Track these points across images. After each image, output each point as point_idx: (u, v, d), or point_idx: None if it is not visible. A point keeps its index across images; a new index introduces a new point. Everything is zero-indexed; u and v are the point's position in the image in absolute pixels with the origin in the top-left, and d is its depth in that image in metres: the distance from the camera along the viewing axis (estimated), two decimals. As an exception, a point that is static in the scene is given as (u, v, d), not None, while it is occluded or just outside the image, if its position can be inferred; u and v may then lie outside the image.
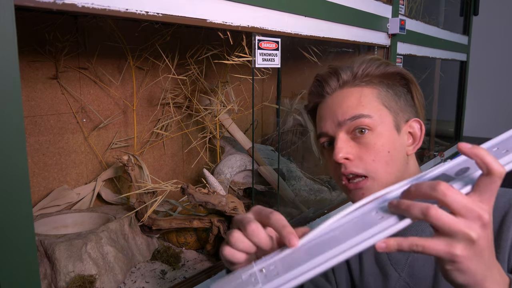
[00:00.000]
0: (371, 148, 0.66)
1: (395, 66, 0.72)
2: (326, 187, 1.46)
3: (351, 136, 0.68)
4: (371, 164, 0.66)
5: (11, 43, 0.46)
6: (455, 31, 2.21)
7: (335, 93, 0.71)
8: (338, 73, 0.71)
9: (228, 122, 1.36)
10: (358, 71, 0.70)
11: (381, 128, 0.67)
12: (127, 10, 0.62)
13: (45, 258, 0.81)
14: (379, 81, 0.70)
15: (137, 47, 1.20)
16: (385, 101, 0.68)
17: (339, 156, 0.66)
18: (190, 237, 1.05)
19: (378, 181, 0.66)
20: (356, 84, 0.70)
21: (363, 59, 0.72)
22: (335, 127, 0.68)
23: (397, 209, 0.44)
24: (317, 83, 0.74)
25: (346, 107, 0.68)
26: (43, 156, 1.08)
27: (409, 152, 0.70)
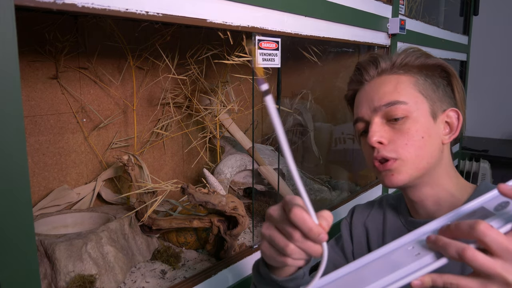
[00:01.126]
0: (405, 133, 0.67)
1: (436, 59, 0.73)
2: (326, 187, 1.46)
3: (386, 122, 0.69)
4: (404, 148, 0.67)
5: (11, 43, 0.46)
6: (455, 31, 2.21)
7: (373, 80, 0.72)
8: (377, 61, 0.73)
9: (228, 122, 1.36)
10: (396, 60, 0.71)
11: (417, 114, 0.68)
12: (127, 10, 0.62)
13: (45, 258, 0.81)
14: (417, 71, 0.71)
15: (137, 47, 1.20)
16: (422, 89, 0.69)
17: (373, 139, 0.67)
18: (190, 237, 1.05)
19: (407, 163, 0.67)
20: (394, 72, 0.71)
21: (404, 48, 0.74)
22: (371, 112, 0.70)
23: (435, 246, 0.44)
24: (357, 71, 0.76)
25: (383, 93, 0.69)
26: (43, 156, 1.08)
27: (445, 141, 0.70)
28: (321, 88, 1.68)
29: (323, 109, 1.69)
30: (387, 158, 0.67)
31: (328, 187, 1.47)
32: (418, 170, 0.68)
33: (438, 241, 0.43)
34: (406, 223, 0.77)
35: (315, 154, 1.65)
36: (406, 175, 0.67)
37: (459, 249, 0.41)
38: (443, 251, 0.43)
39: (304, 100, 1.69)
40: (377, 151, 0.68)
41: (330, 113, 1.69)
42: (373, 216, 0.84)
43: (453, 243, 0.42)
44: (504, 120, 3.12)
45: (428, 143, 0.68)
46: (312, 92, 1.68)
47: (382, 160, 0.68)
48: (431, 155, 0.68)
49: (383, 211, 0.83)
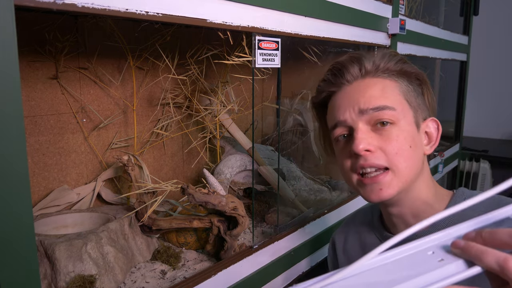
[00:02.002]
0: (393, 141, 0.63)
1: (411, 66, 0.69)
2: (326, 187, 1.45)
3: (372, 128, 0.64)
4: (394, 157, 0.62)
5: (11, 43, 0.46)
6: (455, 31, 2.21)
7: (356, 82, 0.67)
8: (361, 61, 0.68)
9: (228, 122, 1.36)
10: (380, 64, 0.67)
11: (403, 122, 0.64)
12: (127, 10, 0.62)
13: (45, 258, 0.81)
14: (399, 76, 0.68)
15: (137, 47, 1.20)
16: (407, 96, 0.66)
17: (360, 147, 0.62)
18: (190, 237, 1.05)
19: (398, 175, 0.63)
20: (377, 75, 0.67)
21: (384, 52, 0.70)
22: (356, 116, 0.64)
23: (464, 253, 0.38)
24: (335, 70, 0.70)
25: (369, 97, 0.64)
26: (43, 156, 1.08)
27: (426, 152, 0.67)
28: (321, 88, 1.68)
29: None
30: (377, 166, 0.63)
31: (328, 187, 1.46)
32: (406, 182, 0.64)
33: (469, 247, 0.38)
34: (383, 238, 0.73)
35: (315, 154, 1.65)
36: (395, 189, 0.63)
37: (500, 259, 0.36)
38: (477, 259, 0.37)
39: (304, 100, 1.69)
40: (365, 159, 0.63)
41: (330, 113, 1.68)
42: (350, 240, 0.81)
43: (491, 251, 0.37)
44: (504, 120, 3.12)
45: (415, 154, 0.64)
46: (312, 92, 1.67)
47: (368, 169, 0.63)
48: (417, 167, 0.65)
49: (357, 230, 0.80)
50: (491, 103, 3.16)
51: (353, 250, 0.80)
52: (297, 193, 1.36)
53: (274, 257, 1.05)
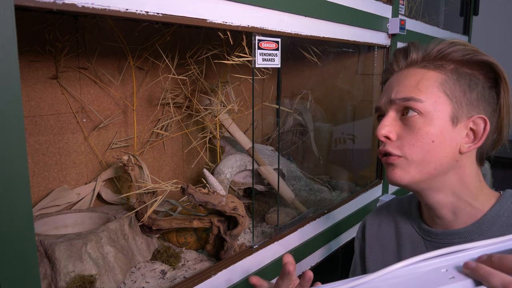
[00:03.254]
0: (414, 132, 0.64)
1: (486, 56, 0.66)
2: (326, 187, 1.46)
3: (400, 116, 0.66)
4: (410, 148, 0.64)
5: (11, 43, 0.46)
6: (455, 31, 2.21)
7: (401, 71, 0.70)
8: (409, 51, 0.70)
9: (228, 122, 1.36)
10: (431, 52, 0.67)
11: (432, 115, 0.63)
12: (127, 10, 0.62)
13: (45, 258, 0.81)
14: (452, 68, 0.65)
15: (137, 47, 1.20)
16: (449, 89, 0.64)
17: (380, 132, 0.66)
18: (190, 237, 1.05)
19: (411, 163, 0.64)
20: (423, 65, 0.67)
21: (444, 40, 0.68)
22: (387, 103, 0.68)
23: (474, 273, 0.42)
24: (392, 59, 0.74)
25: (403, 87, 0.66)
26: (43, 156, 1.08)
27: (463, 150, 0.64)
28: (321, 88, 1.68)
29: (323, 109, 1.69)
30: (391, 153, 0.65)
31: (328, 187, 1.47)
32: (423, 174, 0.64)
33: (479, 268, 0.41)
34: (421, 231, 0.73)
35: (315, 154, 1.65)
36: (408, 175, 0.65)
37: (505, 281, 0.39)
38: (485, 280, 0.41)
39: (304, 100, 1.69)
40: (383, 144, 0.67)
41: (330, 113, 1.69)
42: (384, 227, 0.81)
43: (497, 273, 0.40)
44: (504, 120, 3.11)
45: (439, 149, 0.63)
46: (312, 92, 1.67)
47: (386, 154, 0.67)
48: (441, 162, 0.64)
49: (393, 218, 0.80)
50: (491, 103, 3.15)
51: (388, 238, 0.80)
52: (297, 193, 1.36)
53: (274, 257, 1.05)
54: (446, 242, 0.69)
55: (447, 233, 0.69)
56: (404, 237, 0.76)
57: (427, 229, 0.72)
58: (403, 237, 0.77)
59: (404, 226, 0.77)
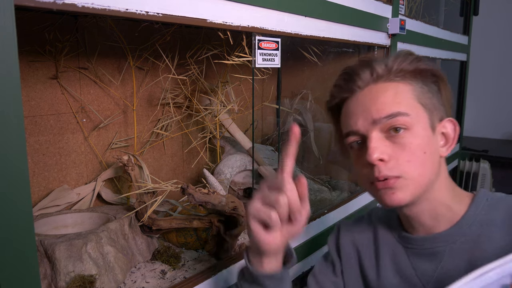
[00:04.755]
0: (407, 148, 0.62)
1: (426, 62, 0.68)
2: (326, 187, 1.46)
3: (385, 135, 0.63)
4: (406, 165, 0.62)
5: (11, 43, 0.46)
6: (455, 31, 2.21)
7: (367, 88, 0.66)
8: (372, 66, 0.66)
9: (228, 122, 1.36)
10: (393, 66, 0.65)
11: (418, 127, 0.63)
12: (127, 10, 0.62)
13: (45, 258, 0.81)
14: (413, 77, 0.66)
15: (137, 47, 1.20)
16: (421, 98, 0.64)
17: (373, 156, 0.62)
18: (190, 237, 1.05)
19: (411, 181, 0.62)
20: (390, 79, 0.65)
21: (397, 53, 0.68)
22: (369, 125, 0.64)
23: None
24: (347, 76, 0.68)
25: (381, 104, 0.63)
26: (43, 156, 1.08)
27: (443, 154, 0.66)
28: (321, 88, 1.68)
29: (323, 109, 1.69)
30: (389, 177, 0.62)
31: (328, 187, 1.46)
32: (421, 188, 0.63)
33: None
34: (400, 238, 0.73)
35: (315, 154, 1.65)
36: (408, 194, 0.63)
37: None
38: None
39: (304, 100, 1.69)
40: (379, 170, 0.62)
41: (330, 113, 1.68)
42: (363, 233, 0.80)
43: None
44: (504, 120, 3.12)
45: (430, 159, 0.63)
46: (312, 92, 1.68)
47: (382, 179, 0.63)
48: (432, 171, 0.64)
49: (373, 227, 0.79)
50: (491, 103, 3.16)
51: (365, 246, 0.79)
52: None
53: (274, 257, 1.05)
54: (427, 247, 0.68)
55: (428, 238, 0.68)
56: (382, 246, 0.75)
57: (407, 236, 0.71)
58: (381, 245, 0.76)
59: (384, 235, 0.76)
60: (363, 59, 0.68)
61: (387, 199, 0.63)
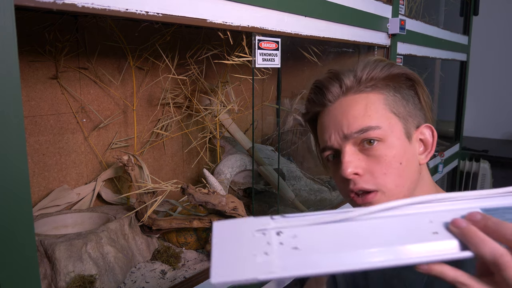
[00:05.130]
0: (382, 161, 0.61)
1: (400, 67, 0.66)
2: (326, 187, 1.46)
3: (359, 148, 0.62)
4: (382, 178, 0.61)
5: (11, 43, 0.46)
6: (455, 31, 2.21)
7: (338, 101, 0.65)
8: (340, 78, 0.64)
9: (228, 122, 1.36)
10: (362, 76, 0.64)
11: (392, 138, 0.62)
12: (127, 10, 0.62)
13: (45, 258, 0.81)
14: (384, 85, 0.64)
15: (137, 47, 1.20)
16: (393, 107, 0.63)
17: (347, 171, 0.61)
18: (190, 237, 1.05)
19: (388, 194, 0.62)
20: (360, 90, 0.64)
21: (366, 61, 0.66)
22: (341, 139, 0.63)
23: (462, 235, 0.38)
24: (317, 90, 0.67)
25: (352, 118, 0.62)
26: (43, 156, 1.08)
27: (422, 161, 0.65)
28: (321, 88, 1.68)
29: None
30: (366, 190, 0.62)
31: (328, 187, 1.46)
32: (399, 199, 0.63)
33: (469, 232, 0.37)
34: None
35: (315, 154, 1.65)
36: None
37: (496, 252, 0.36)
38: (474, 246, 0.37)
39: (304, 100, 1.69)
40: (354, 183, 0.62)
41: (330, 113, 1.68)
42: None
43: (489, 242, 0.36)
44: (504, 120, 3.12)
45: (407, 168, 0.62)
46: (312, 92, 1.67)
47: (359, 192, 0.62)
48: (411, 180, 0.63)
49: None
50: (491, 103, 3.16)
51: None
52: (297, 193, 1.36)
53: (274, 257, 1.05)
54: None
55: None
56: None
57: None
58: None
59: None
60: (332, 71, 0.67)
61: None
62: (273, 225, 0.40)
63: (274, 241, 0.38)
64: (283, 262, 0.36)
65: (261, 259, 0.36)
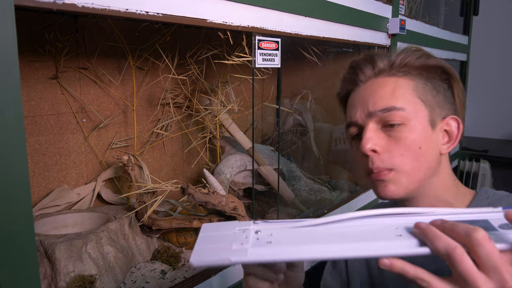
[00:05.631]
0: (401, 142, 0.62)
1: (437, 59, 0.67)
2: (326, 187, 1.46)
3: (382, 128, 0.64)
4: (399, 158, 0.62)
5: (11, 43, 0.46)
6: (455, 31, 2.22)
7: (369, 82, 0.67)
8: (374, 60, 0.67)
9: (228, 122, 1.36)
10: (395, 60, 0.66)
11: (415, 122, 0.63)
12: (127, 10, 0.62)
13: (45, 258, 0.81)
14: (417, 73, 0.66)
15: (137, 47, 1.20)
16: (422, 94, 0.64)
17: (366, 147, 0.62)
18: (190, 237, 1.05)
19: (403, 175, 0.63)
20: (392, 73, 0.66)
21: (404, 49, 0.68)
22: (365, 117, 0.65)
23: (422, 234, 0.41)
24: (351, 70, 0.70)
25: (379, 98, 0.64)
26: (43, 156, 1.08)
27: (443, 151, 0.66)
28: (321, 88, 1.68)
29: (323, 109, 1.69)
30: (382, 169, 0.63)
31: (328, 187, 1.47)
32: (414, 182, 0.64)
33: (428, 230, 0.41)
34: None
35: (315, 154, 1.65)
36: (401, 188, 0.63)
37: (449, 246, 0.39)
38: (430, 242, 0.40)
39: (304, 100, 1.69)
40: (372, 161, 0.63)
41: (330, 113, 1.69)
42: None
43: (444, 237, 0.40)
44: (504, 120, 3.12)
45: (426, 154, 0.63)
46: (312, 92, 1.68)
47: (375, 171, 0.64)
48: (428, 167, 0.64)
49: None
50: (491, 103, 3.16)
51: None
52: (297, 193, 1.36)
53: (274, 257, 1.05)
54: None
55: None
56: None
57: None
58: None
59: None
60: (368, 54, 0.69)
61: (380, 191, 0.65)
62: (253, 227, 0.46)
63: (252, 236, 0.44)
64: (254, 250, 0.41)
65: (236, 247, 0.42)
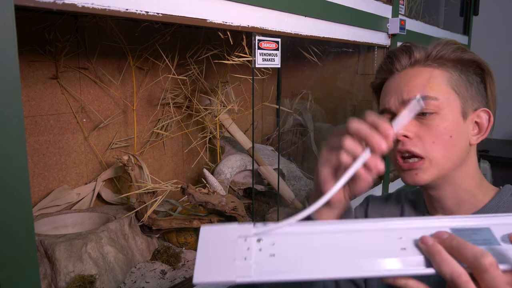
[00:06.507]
0: (433, 130, 0.64)
1: (472, 54, 0.69)
2: (326, 187, 1.45)
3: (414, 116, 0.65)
4: (430, 146, 0.64)
5: (11, 43, 0.46)
6: (455, 31, 2.22)
7: (404, 71, 0.69)
8: (411, 50, 0.69)
9: (228, 122, 1.36)
10: (432, 52, 0.68)
11: (447, 111, 0.65)
12: (127, 10, 0.62)
13: (45, 258, 0.81)
14: (452, 65, 0.68)
15: (137, 47, 1.20)
16: (455, 86, 0.66)
17: (399, 132, 0.64)
18: (190, 237, 1.05)
19: (434, 163, 0.64)
20: (428, 64, 0.68)
21: (440, 41, 0.70)
22: (399, 104, 0.67)
23: (427, 252, 0.41)
24: (388, 59, 0.72)
25: (414, 86, 0.66)
26: (43, 156, 1.08)
27: (472, 142, 0.68)
28: (321, 88, 1.68)
29: (323, 109, 1.69)
30: (412, 153, 0.65)
31: (328, 187, 1.46)
32: (443, 170, 0.65)
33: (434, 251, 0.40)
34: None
35: (315, 154, 1.65)
36: (430, 175, 0.65)
37: (455, 273, 0.39)
38: (436, 263, 0.40)
39: (304, 100, 1.69)
40: (402, 143, 0.65)
41: (330, 113, 1.69)
42: (390, 210, 0.82)
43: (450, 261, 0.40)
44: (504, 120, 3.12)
45: (456, 143, 0.65)
46: (312, 92, 1.68)
47: (406, 154, 0.65)
48: (457, 156, 0.66)
49: (401, 206, 0.81)
50: (491, 103, 3.15)
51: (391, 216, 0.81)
52: (297, 193, 1.36)
53: (274, 257, 1.05)
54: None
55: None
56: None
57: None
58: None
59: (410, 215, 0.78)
60: (405, 44, 0.71)
61: (409, 179, 0.66)
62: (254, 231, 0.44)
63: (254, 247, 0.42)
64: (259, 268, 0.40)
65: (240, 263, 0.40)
